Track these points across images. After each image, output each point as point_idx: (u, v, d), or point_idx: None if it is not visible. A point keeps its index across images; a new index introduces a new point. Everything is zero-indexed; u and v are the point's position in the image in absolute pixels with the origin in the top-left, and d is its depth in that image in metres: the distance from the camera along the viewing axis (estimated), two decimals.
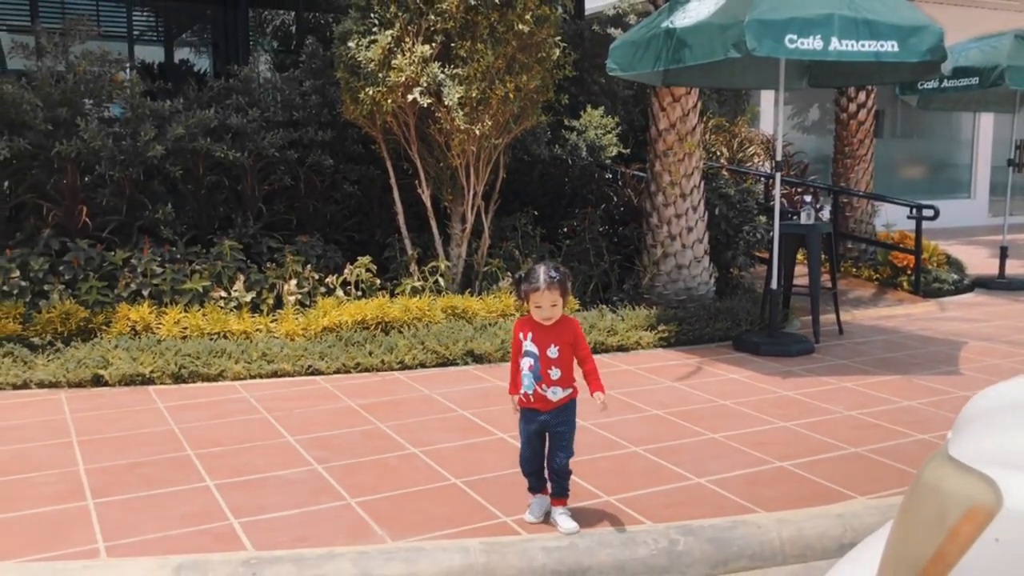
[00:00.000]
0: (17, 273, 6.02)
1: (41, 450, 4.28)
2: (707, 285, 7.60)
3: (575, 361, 3.40)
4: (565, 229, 8.59)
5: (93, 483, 3.86)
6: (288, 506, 3.62)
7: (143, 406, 5.00)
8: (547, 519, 3.48)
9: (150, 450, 4.29)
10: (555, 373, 3.34)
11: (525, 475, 3.53)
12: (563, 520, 3.44)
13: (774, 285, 6.49)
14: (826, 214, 7.21)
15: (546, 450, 3.43)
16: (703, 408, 5.03)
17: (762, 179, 10.09)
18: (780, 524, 3.49)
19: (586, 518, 3.49)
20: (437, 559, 3.19)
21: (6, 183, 6.55)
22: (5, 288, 5.93)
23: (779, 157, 6.46)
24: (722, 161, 10.54)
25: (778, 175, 6.36)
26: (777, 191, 6.33)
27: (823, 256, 7.08)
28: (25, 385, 5.30)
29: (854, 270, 9.52)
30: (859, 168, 9.65)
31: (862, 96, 9.61)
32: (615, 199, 9.05)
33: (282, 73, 7.49)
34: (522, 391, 3.39)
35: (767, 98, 13.79)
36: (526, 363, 3.37)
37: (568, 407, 3.41)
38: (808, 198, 6.77)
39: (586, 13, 12.26)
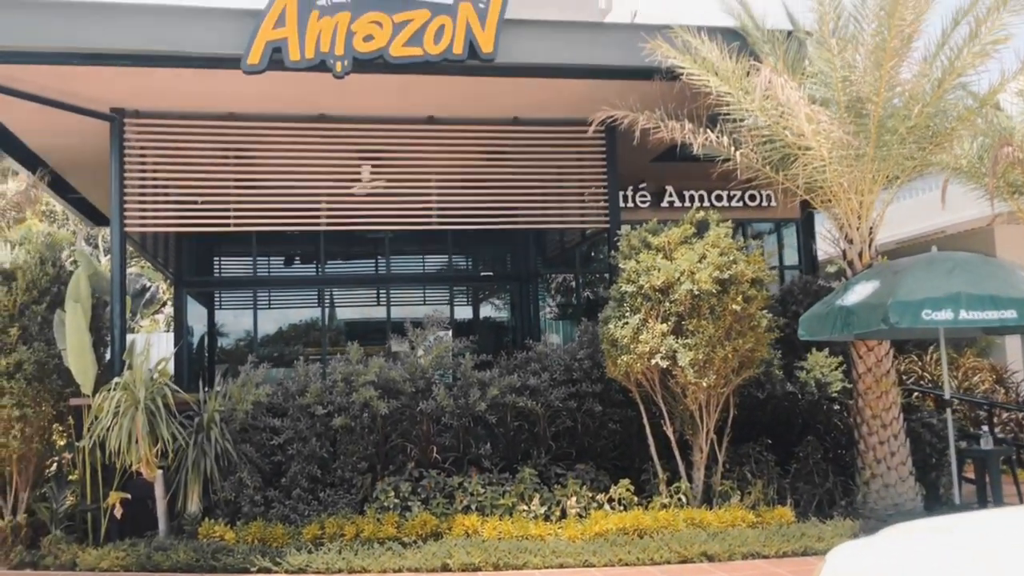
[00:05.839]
0: (392, 493, 8.97)
1: None
2: (913, 501, 9.02)
3: None
4: (800, 454, 10.39)
5: None
6: None
7: None
8: None
9: None
10: None
11: None
12: None
13: (957, 501, 7.93)
14: None
15: None
16: None
17: (985, 406, 11.27)
18: None
19: None
20: None
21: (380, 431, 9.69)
22: (386, 504, 8.88)
23: (947, 396, 8.10)
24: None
25: (949, 411, 7.98)
26: (949, 423, 7.93)
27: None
28: (399, 570, 7.99)
29: None
30: None
31: None
32: (841, 426, 10.75)
33: (562, 319, 10.20)
34: None
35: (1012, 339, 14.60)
36: None
37: None
38: (985, 428, 8.24)
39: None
